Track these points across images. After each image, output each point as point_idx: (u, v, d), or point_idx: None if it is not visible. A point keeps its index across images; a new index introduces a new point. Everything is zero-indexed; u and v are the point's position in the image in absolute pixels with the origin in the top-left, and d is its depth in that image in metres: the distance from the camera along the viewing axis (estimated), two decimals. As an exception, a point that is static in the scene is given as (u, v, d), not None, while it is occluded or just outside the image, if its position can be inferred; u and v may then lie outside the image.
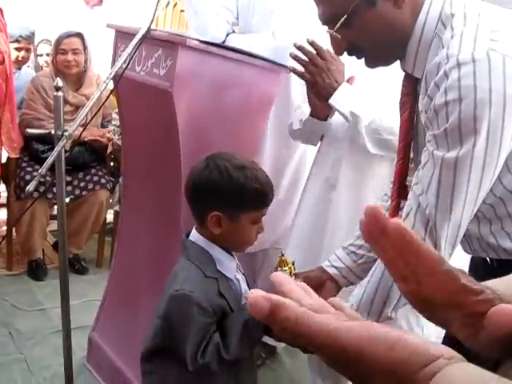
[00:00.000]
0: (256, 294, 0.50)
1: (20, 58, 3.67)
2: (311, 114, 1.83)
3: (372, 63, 1.28)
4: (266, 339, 2.60)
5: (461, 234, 1.18)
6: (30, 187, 1.55)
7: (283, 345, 2.76)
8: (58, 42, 3.26)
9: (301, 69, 1.68)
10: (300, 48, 1.68)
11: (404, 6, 1.16)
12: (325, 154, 1.94)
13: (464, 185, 1.10)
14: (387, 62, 1.28)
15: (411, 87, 1.27)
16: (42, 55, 3.96)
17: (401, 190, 1.35)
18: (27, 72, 3.79)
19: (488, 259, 1.37)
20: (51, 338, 2.67)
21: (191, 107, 1.84)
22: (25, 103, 3.40)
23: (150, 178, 2.16)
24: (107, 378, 2.34)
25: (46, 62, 3.83)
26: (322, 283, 1.49)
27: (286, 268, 1.45)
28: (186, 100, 1.82)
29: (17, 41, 3.58)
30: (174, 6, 5.43)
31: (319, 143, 1.96)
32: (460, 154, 1.07)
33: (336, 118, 1.81)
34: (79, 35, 3.31)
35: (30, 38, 3.71)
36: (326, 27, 1.24)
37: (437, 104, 1.08)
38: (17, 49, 3.61)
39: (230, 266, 1.46)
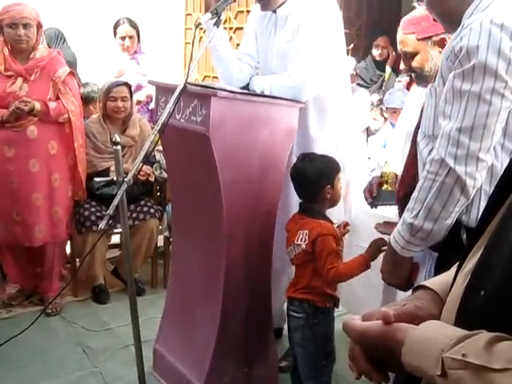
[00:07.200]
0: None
1: None
2: None
3: None
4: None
5: None
6: (102, 225, 1.90)
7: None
8: (108, 90, 3.61)
9: None
10: None
11: None
12: None
13: None
14: None
15: None
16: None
17: None
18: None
19: None
20: (120, 352, 2.98)
21: (225, 146, 2.16)
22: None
23: (195, 206, 2.46)
24: (172, 383, 2.61)
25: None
26: None
27: None
28: (221, 140, 2.14)
29: None
30: (200, 39, 5.80)
31: None
32: None
33: None
34: (126, 84, 3.68)
35: None
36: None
37: None
38: None
39: None
